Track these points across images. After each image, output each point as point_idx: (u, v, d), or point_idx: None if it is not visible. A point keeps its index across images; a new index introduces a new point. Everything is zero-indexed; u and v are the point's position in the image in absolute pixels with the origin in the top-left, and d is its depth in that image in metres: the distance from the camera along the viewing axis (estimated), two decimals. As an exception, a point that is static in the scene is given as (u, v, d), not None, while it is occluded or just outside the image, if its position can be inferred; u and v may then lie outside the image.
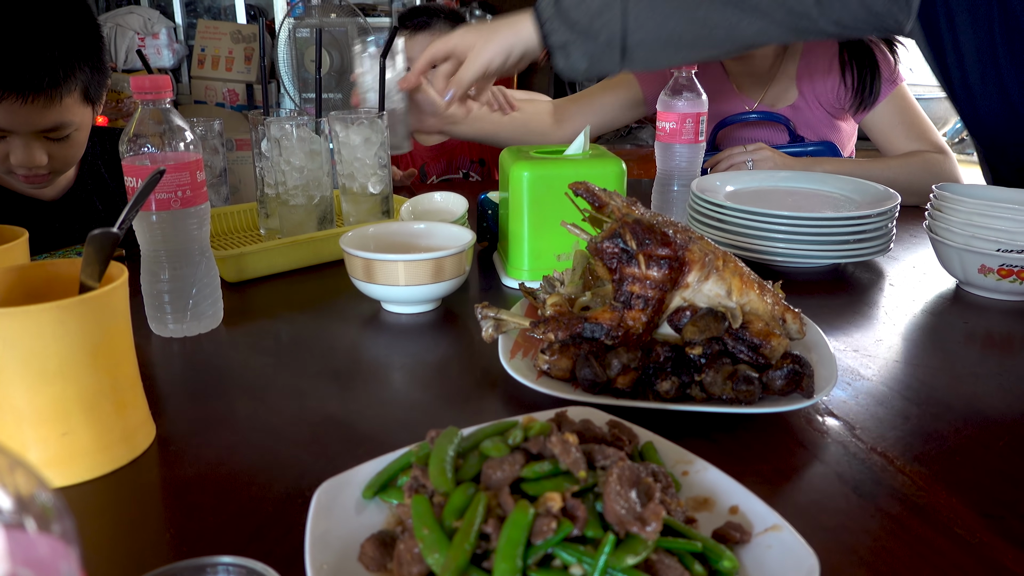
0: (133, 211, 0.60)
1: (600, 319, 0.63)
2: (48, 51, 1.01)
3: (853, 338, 0.80)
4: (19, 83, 0.99)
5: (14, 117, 1.02)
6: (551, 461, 0.44)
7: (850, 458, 0.58)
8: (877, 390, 0.69)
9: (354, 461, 0.51)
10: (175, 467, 0.58)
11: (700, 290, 0.64)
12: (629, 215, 0.65)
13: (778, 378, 0.60)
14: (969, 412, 0.65)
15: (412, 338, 0.82)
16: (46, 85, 1.01)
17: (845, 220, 0.96)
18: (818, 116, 1.48)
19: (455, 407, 0.67)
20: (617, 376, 0.62)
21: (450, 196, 1.08)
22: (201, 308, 0.80)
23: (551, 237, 0.90)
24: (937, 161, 1.37)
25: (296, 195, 1.04)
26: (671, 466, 0.51)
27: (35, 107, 1.02)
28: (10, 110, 1.01)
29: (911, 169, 1.35)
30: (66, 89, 1.05)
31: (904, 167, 1.35)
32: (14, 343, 0.50)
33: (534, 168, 0.90)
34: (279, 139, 1.02)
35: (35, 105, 1.02)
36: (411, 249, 0.90)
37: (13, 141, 1.06)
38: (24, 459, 0.21)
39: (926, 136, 1.41)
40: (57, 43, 1.03)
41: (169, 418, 0.64)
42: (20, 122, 1.03)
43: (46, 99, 1.02)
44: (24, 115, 1.02)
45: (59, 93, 1.04)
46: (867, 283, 0.97)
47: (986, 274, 0.88)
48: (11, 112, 1.01)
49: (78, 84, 1.07)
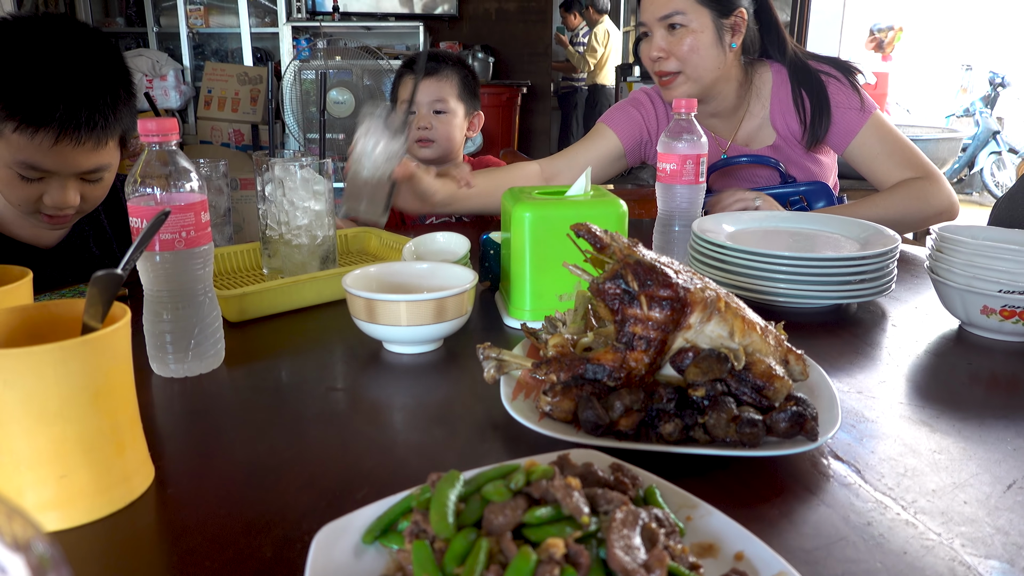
0: (137, 252, 0.60)
1: (602, 360, 0.63)
2: (99, 95, 1.03)
3: (856, 379, 0.80)
4: (75, 126, 1.01)
5: (63, 159, 1.04)
6: (554, 506, 0.43)
7: (857, 502, 0.57)
8: (882, 432, 0.68)
9: (354, 504, 0.50)
10: (173, 510, 0.57)
11: (702, 331, 0.64)
12: (631, 256, 0.65)
13: (782, 420, 0.60)
14: (976, 455, 0.64)
15: (414, 379, 0.82)
16: (99, 128, 1.03)
17: (846, 261, 0.96)
18: (798, 152, 1.49)
19: (456, 449, 0.66)
20: (620, 418, 0.61)
21: (452, 236, 1.08)
22: (203, 348, 0.80)
23: (553, 278, 0.91)
24: (925, 188, 1.36)
25: (299, 235, 1.05)
26: (675, 510, 0.50)
27: (84, 149, 1.04)
28: (62, 152, 1.03)
29: (901, 202, 1.35)
30: (113, 131, 1.07)
31: (894, 202, 1.35)
32: (14, 383, 0.50)
33: (536, 209, 0.90)
34: (283, 179, 1.03)
35: (84, 147, 1.04)
36: (413, 289, 0.90)
37: (51, 182, 1.07)
38: (22, 508, 0.21)
39: (912, 161, 1.40)
40: (106, 87, 1.05)
41: (168, 459, 0.64)
42: (67, 164, 1.05)
43: (95, 142, 1.04)
44: (73, 157, 1.04)
45: (107, 136, 1.06)
46: (869, 324, 0.97)
47: (989, 315, 0.88)
48: (62, 154, 1.03)
49: (121, 126, 1.09)
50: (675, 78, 1.42)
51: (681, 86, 1.42)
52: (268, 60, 4.99)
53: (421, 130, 1.69)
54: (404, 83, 1.71)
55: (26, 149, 1.01)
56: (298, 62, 3.96)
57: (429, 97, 1.69)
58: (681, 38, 1.38)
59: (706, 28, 1.38)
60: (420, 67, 1.45)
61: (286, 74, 3.89)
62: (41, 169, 1.04)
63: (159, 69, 4.74)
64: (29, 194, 1.07)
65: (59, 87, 1.00)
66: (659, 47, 1.40)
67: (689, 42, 1.38)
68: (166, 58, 4.82)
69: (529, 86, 5.29)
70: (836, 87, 1.43)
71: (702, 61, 1.39)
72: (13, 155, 1.02)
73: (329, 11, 4.85)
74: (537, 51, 5.45)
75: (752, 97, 1.50)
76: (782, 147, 1.49)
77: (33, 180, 1.05)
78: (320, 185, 1.05)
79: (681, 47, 1.38)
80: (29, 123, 0.99)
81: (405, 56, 4.84)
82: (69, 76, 1.02)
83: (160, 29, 4.99)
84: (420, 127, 1.69)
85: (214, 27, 4.99)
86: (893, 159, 1.41)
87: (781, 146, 1.49)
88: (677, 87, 1.43)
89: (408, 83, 1.67)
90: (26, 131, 0.99)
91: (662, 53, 1.40)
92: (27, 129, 0.99)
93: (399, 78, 1.74)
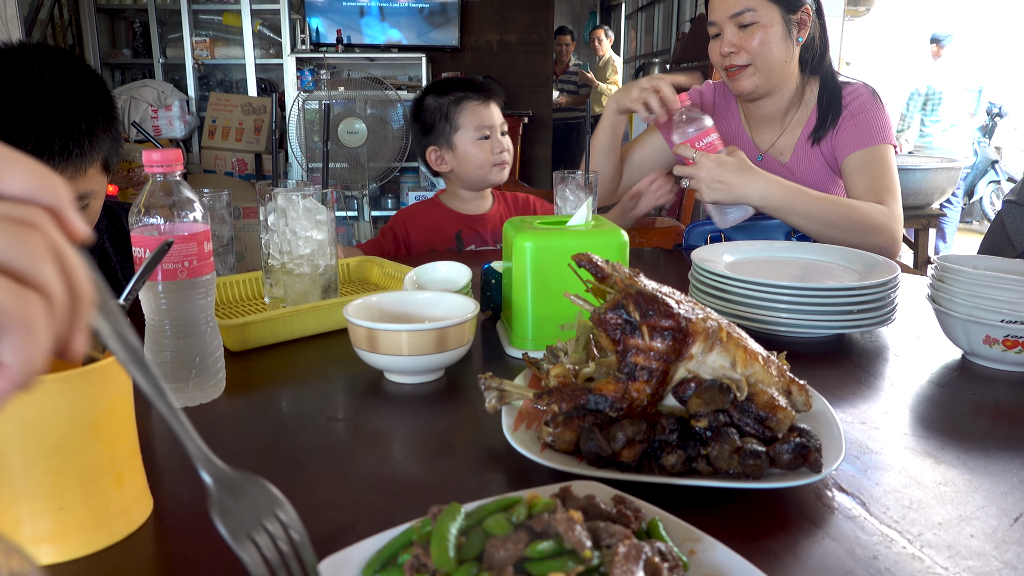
0: (140, 282, 0.61)
1: (604, 391, 0.63)
2: (75, 123, 1.04)
3: (860, 410, 0.79)
4: (50, 155, 1.02)
5: None
6: (555, 540, 0.43)
7: (862, 535, 0.56)
8: (886, 464, 0.68)
9: (354, 537, 0.50)
10: (171, 543, 0.56)
11: (704, 361, 0.64)
12: (632, 286, 0.65)
13: (785, 452, 0.60)
14: (982, 487, 0.64)
15: (415, 408, 0.81)
16: (75, 156, 1.04)
17: (848, 291, 0.96)
18: (817, 167, 1.51)
19: (458, 480, 0.66)
20: (622, 449, 0.61)
21: (454, 266, 1.08)
22: (204, 377, 0.80)
23: (554, 307, 0.91)
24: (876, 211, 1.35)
25: (301, 264, 1.05)
26: (678, 544, 0.50)
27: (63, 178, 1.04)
28: None
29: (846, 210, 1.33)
30: (91, 159, 1.07)
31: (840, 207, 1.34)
32: (13, 414, 0.50)
33: (537, 239, 0.91)
34: (285, 209, 1.03)
35: (63, 176, 1.04)
36: (415, 319, 0.90)
37: None
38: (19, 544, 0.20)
39: (883, 194, 1.40)
40: (82, 115, 1.06)
41: (166, 491, 0.63)
42: None
43: (74, 170, 1.05)
44: None
45: (85, 164, 1.06)
46: (872, 354, 0.97)
47: (991, 345, 0.88)
48: None
49: (101, 154, 1.09)
50: (743, 70, 1.45)
51: (750, 77, 1.46)
52: (272, 91, 5.04)
53: (500, 153, 1.69)
54: (471, 109, 1.69)
55: None
56: (304, 93, 4.01)
57: (500, 121, 1.72)
58: (752, 33, 1.42)
59: (775, 22, 1.42)
60: (495, 91, 1.59)
61: (292, 105, 3.93)
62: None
63: (164, 99, 4.78)
64: None
65: (31, 117, 1.00)
66: (730, 43, 1.44)
67: (760, 36, 1.42)
68: (171, 88, 4.87)
69: (530, 116, 5.33)
70: (869, 101, 1.46)
71: (772, 54, 1.43)
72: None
73: (333, 43, 4.91)
74: (538, 82, 5.51)
75: (801, 108, 1.54)
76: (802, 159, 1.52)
77: None
78: (322, 215, 1.05)
79: (752, 41, 1.42)
80: None
81: (409, 86, 4.90)
82: (42, 105, 1.02)
83: (166, 60, 5.05)
84: (498, 151, 1.69)
85: (219, 58, 5.06)
86: (870, 184, 1.42)
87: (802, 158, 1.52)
88: (746, 77, 1.46)
89: (476, 109, 1.68)
90: None
91: (733, 48, 1.44)
92: None
93: (456, 104, 1.70)
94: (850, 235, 1.32)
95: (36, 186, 0.32)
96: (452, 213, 1.77)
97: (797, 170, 1.52)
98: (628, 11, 7.91)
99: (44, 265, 0.30)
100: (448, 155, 1.72)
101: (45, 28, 4.51)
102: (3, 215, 0.30)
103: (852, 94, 1.48)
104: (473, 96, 1.70)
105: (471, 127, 1.68)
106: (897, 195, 1.41)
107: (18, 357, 0.29)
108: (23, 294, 0.29)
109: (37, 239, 0.30)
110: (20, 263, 0.29)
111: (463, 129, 1.69)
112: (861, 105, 1.46)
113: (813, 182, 1.49)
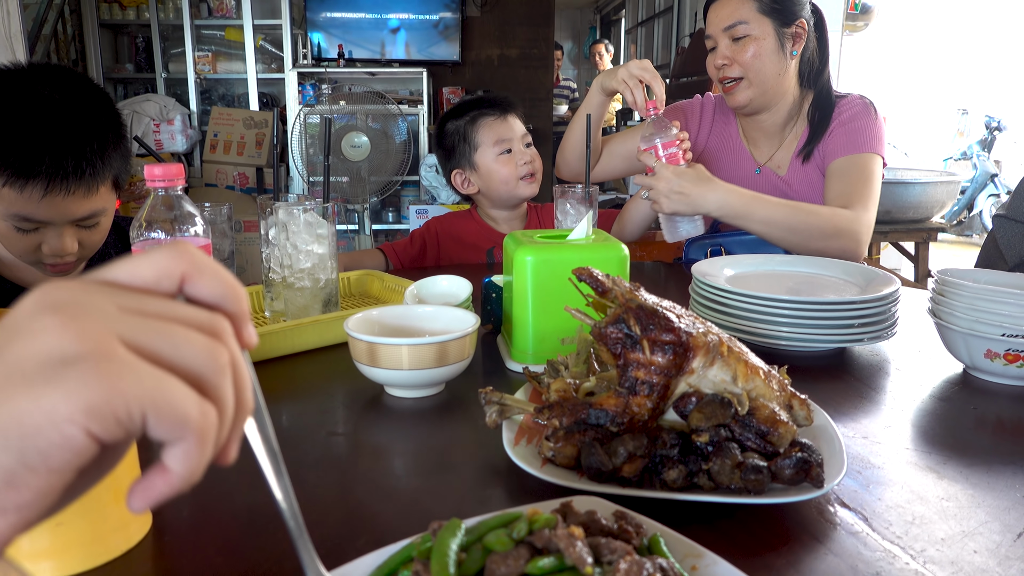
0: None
1: (605, 405, 0.63)
2: (86, 142, 1.04)
3: (861, 424, 0.79)
4: (63, 176, 1.02)
5: (55, 209, 1.05)
6: (556, 556, 0.43)
7: (865, 551, 0.56)
8: (888, 479, 0.67)
9: (354, 553, 0.49)
10: (170, 559, 0.56)
11: (705, 376, 0.64)
12: (632, 300, 0.65)
13: (787, 467, 0.59)
14: (984, 502, 0.63)
15: (415, 423, 0.81)
16: (87, 175, 1.04)
17: (849, 304, 0.96)
18: (814, 179, 1.51)
19: (458, 495, 0.65)
20: (623, 464, 0.61)
21: (454, 280, 1.09)
22: (203, 392, 0.80)
23: (555, 321, 0.90)
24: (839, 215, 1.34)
25: (302, 278, 1.05)
26: (680, 560, 0.49)
27: (75, 197, 1.05)
28: (53, 203, 1.03)
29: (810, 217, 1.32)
30: (103, 178, 1.08)
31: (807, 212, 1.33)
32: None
33: (537, 253, 0.91)
34: (286, 223, 1.04)
35: (75, 196, 1.05)
36: (415, 333, 0.90)
37: (48, 232, 1.08)
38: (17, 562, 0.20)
39: (853, 199, 1.38)
40: (93, 134, 1.06)
41: (165, 507, 0.63)
42: (60, 213, 1.06)
43: (86, 189, 1.05)
44: (65, 206, 1.05)
45: (97, 182, 1.07)
46: (873, 368, 0.97)
47: (992, 359, 0.88)
48: (53, 204, 1.04)
49: (112, 172, 1.10)
50: (737, 84, 1.46)
51: (744, 91, 1.46)
52: (274, 105, 5.07)
53: (524, 165, 1.64)
54: (487, 125, 1.65)
55: (17, 202, 1.02)
56: (306, 107, 4.02)
57: (521, 132, 1.68)
58: (744, 46, 1.43)
59: (768, 35, 1.43)
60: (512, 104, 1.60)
61: (294, 119, 3.94)
62: (35, 220, 1.05)
63: (166, 114, 4.81)
64: (28, 244, 1.08)
65: (44, 138, 1.01)
66: (724, 55, 1.45)
67: (752, 49, 1.43)
68: (173, 103, 4.90)
69: (531, 129, 5.36)
70: (862, 111, 1.46)
71: (764, 67, 1.44)
72: (6, 208, 1.03)
73: (334, 57, 4.94)
74: (539, 96, 5.54)
75: (799, 121, 1.54)
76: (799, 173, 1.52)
77: (29, 231, 1.06)
78: (323, 229, 1.05)
79: (744, 54, 1.43)
80: (17, 176, 1.00)
81: (410, 100, 4.93)
82: (54, 126, 1.02)
83: (168, 75, 5.09)
84: (525, 162, 1.64)
85: (221, 73, 5.09)
86: (844, 189, 1.40)
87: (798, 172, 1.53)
88: (739, 92, 1.47)
89: (493, 124, 1.64)
90: (15, 184, 1.00)
91: (726, 61, 1.45)
92: (16, 182, 1.00)
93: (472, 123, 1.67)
94: (812, 240, 1.32)
95: (225, 295, 0.33)
96: (486, 228, 1.73)
97: (795, 183, 1.52)
98: (628, 26, 7.96)
99: (226, 380, 0.31)
100: (473, 176, 1.67)
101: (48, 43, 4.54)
102: (199, 324, 0.31)
103: (846, 105, 1.49)
104: (488, 112, 1.66)
105: (490, 143, 1.64)
106: (869, 203, 1.39)
107: (184, 466, 0.30)
108: (204, 407, 0.30)
109: (223, 353, 0.31)
110: (208, 375, 0.30)
111: (483, 146, 1.65)
112: (853, 115, 1.47)
113: (811, 195, 1.50)
